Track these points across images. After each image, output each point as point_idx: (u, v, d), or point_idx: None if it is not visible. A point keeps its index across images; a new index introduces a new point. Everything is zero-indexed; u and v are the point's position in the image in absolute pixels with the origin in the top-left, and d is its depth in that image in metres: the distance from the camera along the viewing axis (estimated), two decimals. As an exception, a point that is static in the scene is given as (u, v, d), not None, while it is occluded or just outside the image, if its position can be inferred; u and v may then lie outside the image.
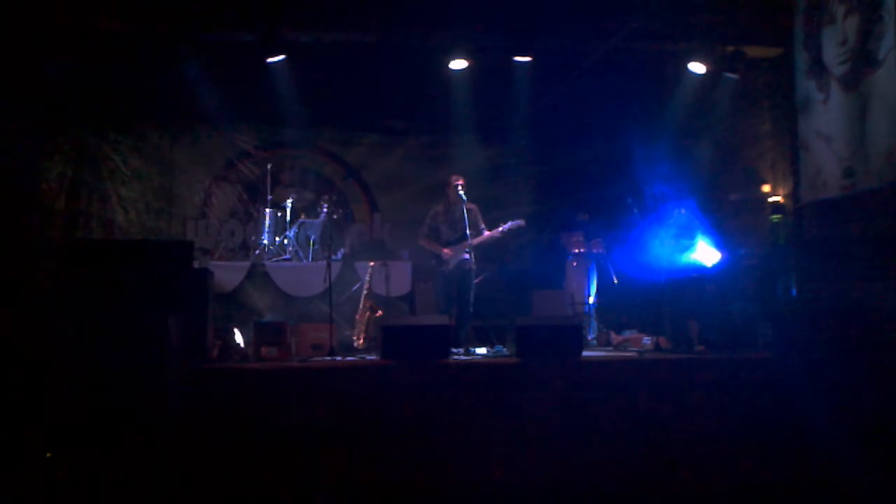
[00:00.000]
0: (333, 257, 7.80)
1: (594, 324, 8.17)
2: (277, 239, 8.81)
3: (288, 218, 8.95)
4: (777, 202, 7.76)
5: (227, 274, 8.25)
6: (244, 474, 5.25)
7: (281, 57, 7.62)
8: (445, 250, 7.49)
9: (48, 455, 4.80)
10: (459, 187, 7.49)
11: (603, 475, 5.63)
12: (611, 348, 7.66)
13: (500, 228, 7.55)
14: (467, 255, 7.41)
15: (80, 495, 4.77)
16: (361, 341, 7.47)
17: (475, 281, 7.61)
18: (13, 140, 7.07)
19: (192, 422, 5.22)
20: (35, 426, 4.90)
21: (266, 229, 8.81)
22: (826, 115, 6.86)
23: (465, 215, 7.39)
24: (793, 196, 7.54)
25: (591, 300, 8.30)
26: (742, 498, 5.56)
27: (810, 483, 5.61)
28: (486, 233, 7.59)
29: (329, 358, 6.55)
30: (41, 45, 7.01)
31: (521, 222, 7.63)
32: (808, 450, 5.71)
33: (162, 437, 5.03)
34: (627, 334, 7.93)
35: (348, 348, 7.33)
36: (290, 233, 8.80)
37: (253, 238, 9.22)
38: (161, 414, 5.09)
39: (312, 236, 8.79)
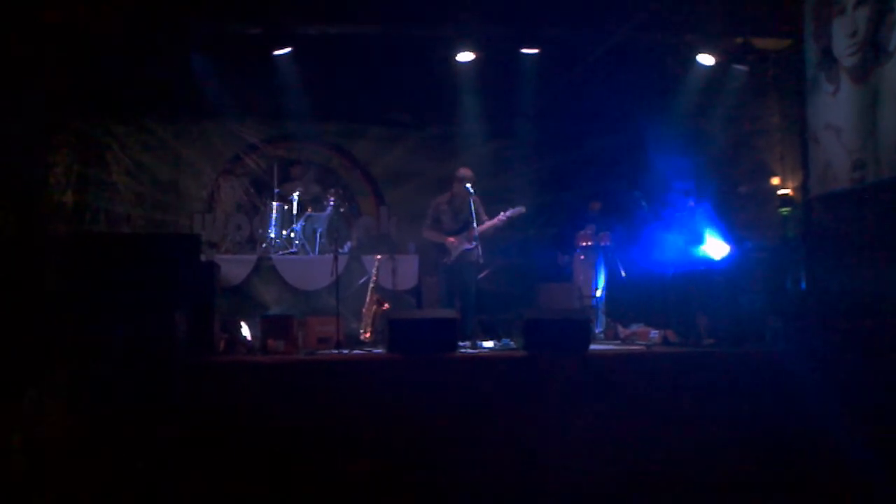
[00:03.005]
0: (340, 251, 7.79)
1: (602, 317, 8.14)
2: (284, 232, 8.81)
3: (294, 211, 8.94)
4: (786, 195, 7.71)
5: (234, 267, 8.25)
6: (250, 468, 5.26)
7: (287, 50, 7.60)
8: (450, 239, 7.47)
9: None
10: (467, 182, 7.47)
11: (609, 468, 5.62)
12: (618, 342, 7.63)
13: (501, 216, 7.52)
14: (471, 246, 7.38)
15: (84, 493, 4.77)
16: (368, 335, 7.46)
17: (481, 275, 7.58)
18: (20, 134, 7.07)
19: (198, 415, 5.22)
20: (39, 420, 4.89)
21: (273, 223, 8.81)
22: (836, 107, 6.82)
23: (471, 205, 7.37)
24: (802, 188, 7.50)
25: (599, 293, 8.27)
26: (748, 494, 5.55)
27: (817, 477, 5.59)
28: (487, 221, 7.57)
29: (336, 351, 6.55)
30: (47, 37, 7.00)
31: (522, 209, 7.60)
32: (816, 446, 5.68)
33: (168, 431, 5.03)
34: (635, 328, 7.89)
35: (355, 341, 7.32)
36: (297, 226, 8.79)
37: (259, 231, 9.22)
38: (167, 407, 5.09)
39: (319, 229, 8.78)
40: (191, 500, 5.00)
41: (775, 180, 7.98)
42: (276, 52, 7.60)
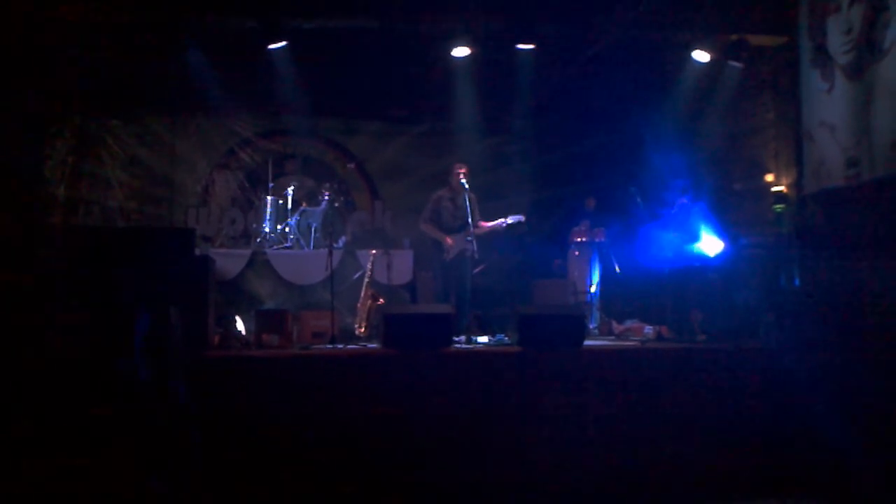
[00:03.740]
0: (335, 245, 7.78)
1: (596, 313, 8.15)
2: (279, 227, 8.80)
3: (289, 206, 8.94)
4: (780, 192, 7.73)
5: (229, 262, 8.24)
6: (244, 462, 5.26)
7: (283, 43, 7.58)
8: (449, 240, 7.46)
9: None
10: (462, 176, 7.46)
11: (603, 465, 5.64)
12: (612, 337, 7.64)
13: (502, 222, 7.50)
14: (468, 244, 7.37)
15: (79, 490, 4.75)
16: (363, 329, 7.46)
17: (476, 271, 7.57)
18: (15, 127, 7.05)
19: (193, 409, 5.22)
20: (33, 419, 4.86)
21: (267, 217, 8.80)
22: (830, 105, 6.84)
23: (468, 203, 7.37)
24: (796, 185, 7.52)
25: (594, 289, 8.28)
26: (740, 489, 5.57)
27: (810, 472, 5.62)
28: (485, 224, 7.55)
29: (330, 346, 6.54)
30: (44, 32, 6.97)
31: (521, 218, 7.59)
32: (809, 441, 5.71)
33: (162, 425, 5.03)
34: (629, 324, 7.92)
35: (350, 336, 7.31)
36: (292, 221, 8.78)
37: (254, 226, 9.21)
38: (162, 402, 5.09)
39: (314, 224, 8.78)
40: (185, 495, 5.00)
41: (770, 177, 8.00)
42: (272, 46, 7.57)
